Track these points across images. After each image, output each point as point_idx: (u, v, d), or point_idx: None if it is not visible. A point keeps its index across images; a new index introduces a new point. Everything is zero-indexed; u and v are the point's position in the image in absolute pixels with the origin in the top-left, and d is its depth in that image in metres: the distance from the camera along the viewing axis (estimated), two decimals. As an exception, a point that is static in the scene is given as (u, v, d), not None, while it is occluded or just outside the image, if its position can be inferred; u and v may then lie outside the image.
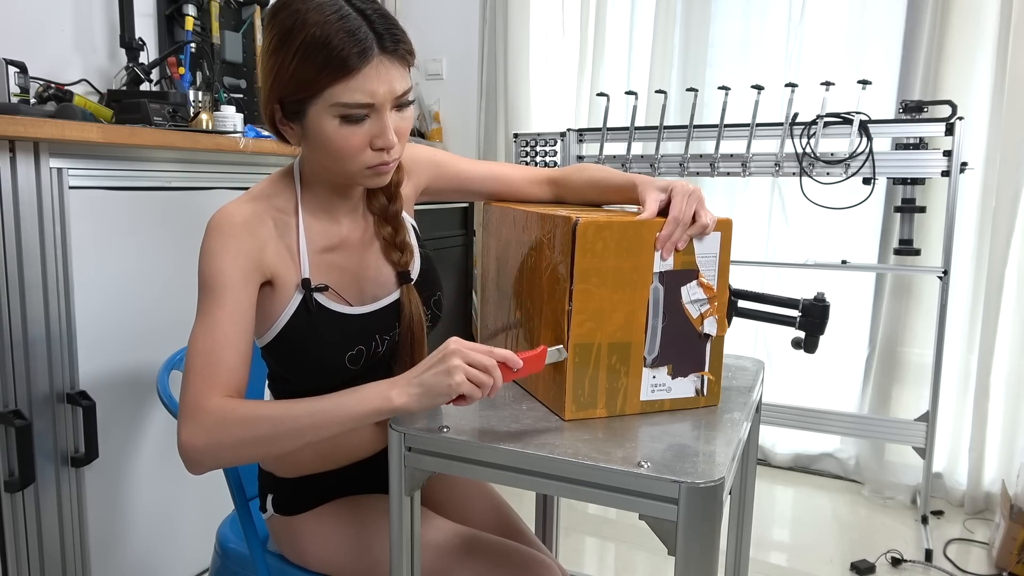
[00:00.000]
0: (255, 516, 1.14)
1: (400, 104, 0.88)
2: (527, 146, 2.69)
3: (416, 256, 1.05)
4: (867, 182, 2.16)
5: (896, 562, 2.01)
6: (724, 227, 0.90)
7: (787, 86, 2.26)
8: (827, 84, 2.20)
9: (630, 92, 2.48)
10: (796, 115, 2.23)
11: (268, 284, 0.93)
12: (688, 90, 2.45)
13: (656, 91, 2.51)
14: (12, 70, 1.67)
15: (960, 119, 2.06)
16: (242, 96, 2.37)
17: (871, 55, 2.41)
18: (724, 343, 0.94)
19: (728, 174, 2.35)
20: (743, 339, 2.68)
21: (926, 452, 2.19)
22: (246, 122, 1.94)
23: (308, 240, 0.96)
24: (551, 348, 0.88)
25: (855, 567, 1.99)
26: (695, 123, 2.40)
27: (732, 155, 2.33)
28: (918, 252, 2.29)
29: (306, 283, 0.94)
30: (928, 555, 2.03)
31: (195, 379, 0.84)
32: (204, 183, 1.67)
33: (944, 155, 2.09)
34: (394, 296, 1.01)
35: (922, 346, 2.38)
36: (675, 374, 0.93)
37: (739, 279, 2.41)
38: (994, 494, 2.31)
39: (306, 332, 0.94)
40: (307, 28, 0.82)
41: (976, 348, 2.29)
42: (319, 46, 0.82)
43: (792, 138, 2.23)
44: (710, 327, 0.93)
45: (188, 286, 1.07)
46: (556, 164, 2.65)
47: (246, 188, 1.03)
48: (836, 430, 2.39)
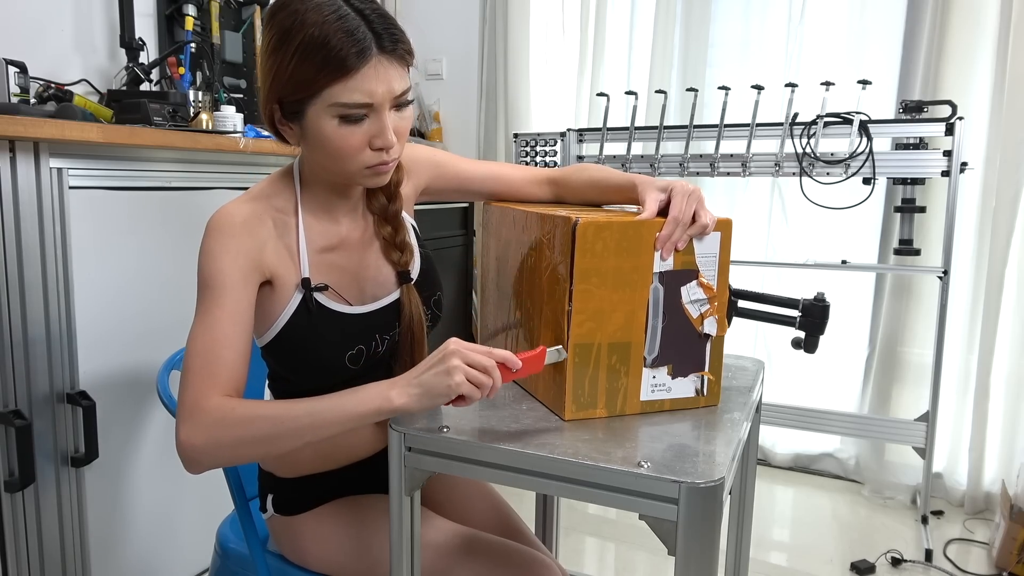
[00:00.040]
0: (255, 516, 1.14)
1: (399, 104, 0.88)
2: (527, 146, 2.69)
3: (416, 256, 1.05)
4: (867, 182, 2.16)
5: (896, 562, 2.01)
6: (724, 227, 0.90)
7: (787, 86, 2.26)
8: (827, 84, 2.20)
9: (630, 92, 2.48)
10: (796, 115, 2.23)
11: (268, 284, 0.93)
12: (688, 90, 2.45)
13: (656, 91, 2.50)
14: (12, 70, 1.67)
15: (960, 119, 2.06)
16: (242, 96, 2.37)
17: (871, 55, 2.41)
18: (724, 343, 0.94)
19: (728, 174, 2.35)
20: (743, 339, 2.68)
21: (926, 452, 2.19)
22: (246, 122, 1.94)
23: (308, 240, 0.96)
24: (550, 348, 0.87)
25: (855, 567, 1.99)
26: (695, 123, 2.39)
27: (732, 155, 2.33)
28: (918, 252, 2.29)
29: (306, 283, 0.94)
30: (928, 555, 2.03)
31: (194, 378, 0.84)
32: (204, 183, 1.67)
33: (944, 155, 2.09)
34: (394, 296, 1.01)
35: (922, 346, 2.38)
36: (675, 374, 0.93)
37: (739, 279, 2.41)
38: (994, 494, 2.31)
39: (306, 332, 0.94)
40: (306, 28, 0.82)
41: (976, 348, 2.29)
42: (318, 46, 0.82)
43: (792, 138, 2.23)
44: (710, 327, 0.93)
45: (188, 286, 1.07)
46: (556, 164, 2.65)
47: (246, 188, 1.03)
48: (836, 430, 2.39)
